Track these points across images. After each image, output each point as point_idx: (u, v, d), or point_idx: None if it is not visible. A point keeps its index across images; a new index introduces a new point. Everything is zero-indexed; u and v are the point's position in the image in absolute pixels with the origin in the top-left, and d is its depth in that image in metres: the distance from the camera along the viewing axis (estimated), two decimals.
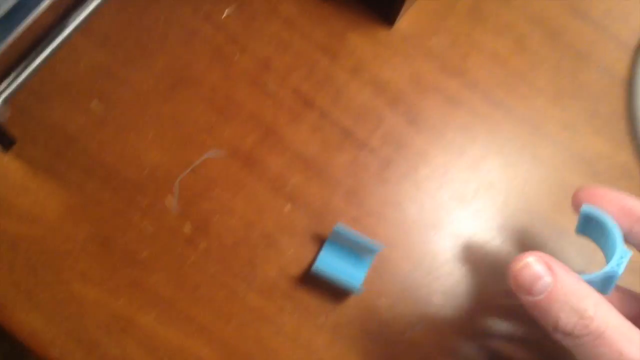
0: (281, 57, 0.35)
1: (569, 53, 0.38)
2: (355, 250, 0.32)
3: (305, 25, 0.36)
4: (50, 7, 0.32)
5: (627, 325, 0.22)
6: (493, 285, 0.33)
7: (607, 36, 0.38)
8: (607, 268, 0.24)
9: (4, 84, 0.31)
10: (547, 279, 0.22)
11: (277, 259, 0.32)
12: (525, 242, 0.34)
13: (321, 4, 0.36)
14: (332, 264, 0.31)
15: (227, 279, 0.31)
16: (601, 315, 0.21)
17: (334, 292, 0.32)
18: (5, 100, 0.31)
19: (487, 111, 0.36)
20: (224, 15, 0.35)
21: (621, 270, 0.24)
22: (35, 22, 0.31)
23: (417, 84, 0.36)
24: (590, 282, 0.23)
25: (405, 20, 0.37)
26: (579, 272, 0.24)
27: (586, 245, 0.30)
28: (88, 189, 0.32)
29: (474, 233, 0.34)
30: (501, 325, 0.32)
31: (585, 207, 0.27)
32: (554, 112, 0.36)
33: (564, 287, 0.22)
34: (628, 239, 0.26)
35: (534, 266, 0.22)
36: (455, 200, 0.34)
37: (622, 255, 0.24)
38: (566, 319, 0.21)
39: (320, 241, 0.33)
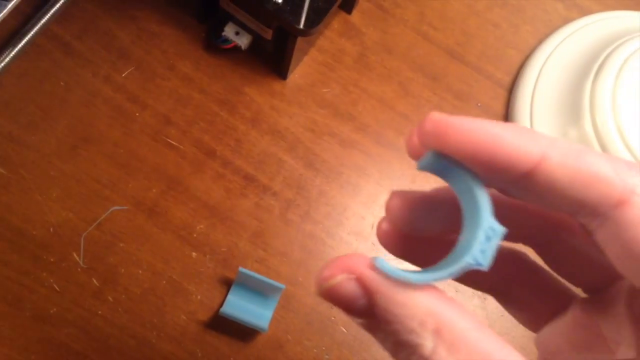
0: (181, 112, 0.40)
1: (449, 94, 0.45)
2: (261, 291, 0.36)
3: (203, 80, 0.42)
4: None
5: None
6: None
7: (483, 77, 0.46)
8: (466, 259, 0.16)
9: None
10: (362, 301, 0.17)
11: (186, 305, 0.36)
12: None
13: (217, 61, 0.42)
14: (239, 306, 0.36)
15: (137, 328, 0.35)
16: (445, 345, 0.16)
17: (243, 332, 0.36)
18: None
19: (378, 151, 0.42)
20: (123, 75, 0.40)
21: (488, 261, 0.16)
22: None
23: (313, 130, 0.42)
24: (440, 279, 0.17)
25: (298, 73, 0.43)
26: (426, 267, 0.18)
27: None
28: None
29: None
30: None
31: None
32: None
33: (388, 310, 0.16)
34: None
35: (345, 286, 0.17)
36: (353, 235, 0.40)
37: (489, 236, 0.16)
38: (396, 351, 0.16)
39: (228, 285, 0.37)
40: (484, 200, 0.16)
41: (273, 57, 0.42)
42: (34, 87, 0.39)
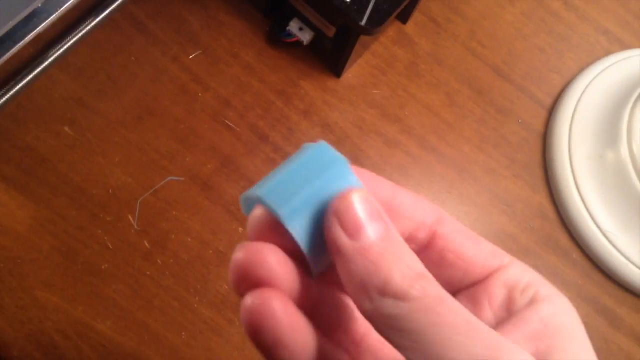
0: (240, 97, 0.42)
1: (492, 108, 0.46)
2: None
3: (263, 71, 0.44)
4: (32, 42, 0.38)
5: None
6: None
7: (526, 96, 0.48)
8: None
9: None
10: (380, 223, 0.17)
11: (229, 277, 0.38)
12: None
13: (278, 54, 0.44)
14: None
15: (181, 292, 0.37)
16: (435, 283, 0.17)
17: None
18: None
19: (421, 154, 0.44)
20: (190, 58, 0.43)
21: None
22: (18, 53, 0.38)
23: (360, 128, 0.44)
24: None
25: (351, 73, 0.45)
26: None
27: None
28: (56, 205, 0.37)
29: None
30: None
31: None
32: (479, 158, 0.45)
33: (397, 238, 0.17)
34: None
35: (365, 204, 0.18)
36: None
37: None
38: (402, 276, 0.17)
39: None
40: None
41: (331, 55, 0.44)
42: (106, 58, 0.41)
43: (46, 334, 0.34)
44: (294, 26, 0.42)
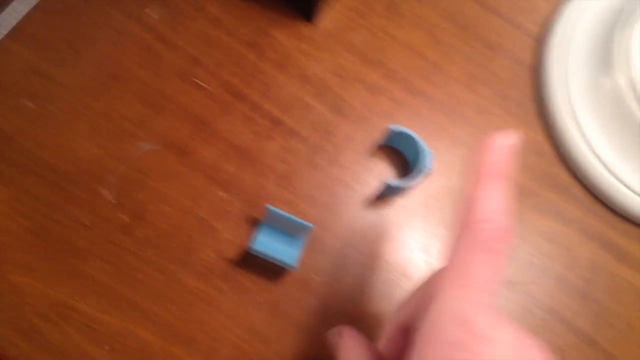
0: (209, 54, 0.40)
1: (479, 44, 0.44)
2: (289, 230, 0.36)
3: (231, 23, 0.41)
4: None
5: None
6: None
7: (514, 27, 0.45)
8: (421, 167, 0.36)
9: None
10: None
11: (214, 243, 0.36)
12: (445, 218, 0.39)
13: (244, 3, 0.41)
14: (267, 243, 0.35)
15: (165, 263, 0.35)
16: None
17: (270, 271, 0.36)
18: None
19: (407, 98, 0.41)
20: (153, 16, 0.40)
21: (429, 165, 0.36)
22: None
23: (341, 76, 0.41)
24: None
25: (327, 18, 0.42)
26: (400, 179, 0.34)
27: None
28: (25, 184, 0.35)
29: (399, 210, 0.39)
30: None
31: (393, 127, 0.37)
32: (468, 97, 0.42)
33: None
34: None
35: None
36: (380, 181, 0.39)
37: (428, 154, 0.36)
38: None
39: (255, 225, 0.37)
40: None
41: (303, 1, 0.41)
42: (62, 24, 0.38)
43: (26, 319, 0.33)
44: None
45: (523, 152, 0.41)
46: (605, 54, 0.41)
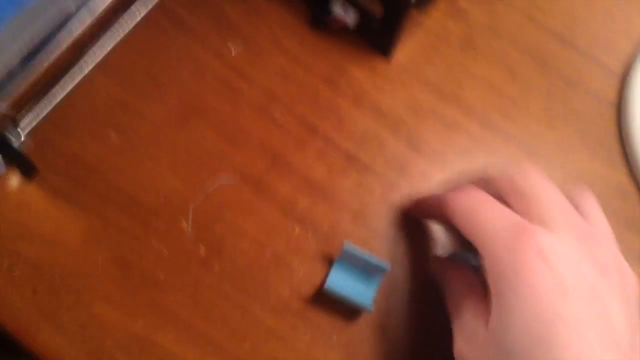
0: (286, 89, 0.40)
1: (558, 80, 0.43)
2: (364, 269, 0.35)
3: (308, 58, 0.41)
4: (70, 46, 0.37)
5: None
6: None
7: (594, 63, 0.43)
8: None
9: (28, 117, 0.36)
10: None
11: (289, 279, 0.36)
12: None
13: (321, 39, 0.41)
14: (342, 282, 0.35)
15: (242, 298, 0.35)
16: None
17: (345, 311, 0.35)
18: (29, 133, 0.36)
19: (484, 135, 0.41)
20: (233, 52, 0.40)
21: None
22: (57, 59, 0.36)
23: (416, 111, 0.41)
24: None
25: (401, 52, 0.42)
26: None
27: None
28: (107, 215, 0.36)
29: None
30: None
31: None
32: (548, 135, 0.41)
33: None
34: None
35: None
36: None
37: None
38: None
39: (330, 262, 0.36)
40: None
41: (379, 35, 0.41)
42: (146, 58, 0.39)
43: (107, 352, 0.33)
44: (335, 3, 0.39)
45: (607, 195, 0.39)
46: None
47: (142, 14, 0.39)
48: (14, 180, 0.36)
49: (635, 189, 0.40)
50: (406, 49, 0.42)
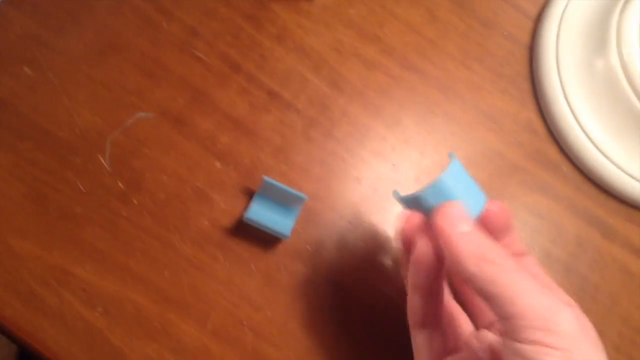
0: (208, 25, 0.40)
1: (475, 22, 0.44)
2: (283, 201, 0.36)
3: None
4: None
5: None
6: None
7: (510, 6, 0.45)
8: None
9: None
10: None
11: (209, 212, 0.36)
12: None
13: None
14: (262, 213, 0.36)
15: (161, 231, 0.35)
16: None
17: (264, 241, 0.36)
18: None
19: (402, 74, 0.42)
20: None
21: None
22: None
23: (338, 51, 0.41)
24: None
25: None
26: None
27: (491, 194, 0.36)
28: (22, 150, 0.35)
29: (392, 185, 0.39)
30: None
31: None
32: (463, 74, 0.42)
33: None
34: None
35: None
36: (374, 156, 0.40)
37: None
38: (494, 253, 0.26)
39: (250, 195, 0.37)
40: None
41: None
42: None
43: (24, 282, 0.33)
44: None
45: (516, 130, 0.41)
46: (599, 35, 0.42)
47: None
48: None
49: (542, 124, 0.42)
50: None
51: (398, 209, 0.38)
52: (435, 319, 0.29)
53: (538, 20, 0.45)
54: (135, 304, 0.34)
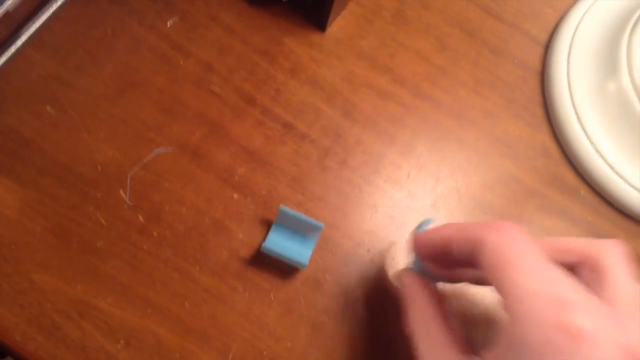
0: (223, 61, 0.41)
1: (485, 49, 0.45)
2: (300, 230, 0.37)
3: (244, 31, 0.42)
4: (3, 22, 0.37)
5: None
6: None
7: (519, 33, 0.46)
8: None
9: None
10: None
11: (228, 243, 0.37)
12: (450, 218, 0.40)
13: (258, 12, 0.43)
14: (280, 243, 0.36)
15: (181, 262, 0.36)
16: None
17: (282, 271, 0.37)
18: None
19: (415, 103, 0.42)
20: (168, 25, 0.41)
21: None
22: None
23: (350, 82, 0.42)
24: None
25: (336, 26, 0.44)
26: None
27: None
28: (44, 186, 0.36)
29: (408, 212, 0.39)
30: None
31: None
32: (475, 101, 0.43)
33: None
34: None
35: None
36: (390, 183, 0.40)
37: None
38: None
39: (268, 226, 0.38)
40: None
41: (313, 9, 0.42)
42: (82, 33, 0.40)
43: (47, 316, 0.34)
44: None
45: (531, 155, 0.42)
46: (610, 57, 0.42)
47: None
48: None
49: (557, 148, 0.42)
50: (341, 23, 0.44)
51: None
52: None
53: (548, 46, 0.45)
54: (156, 335, 0.34)
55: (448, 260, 0.30)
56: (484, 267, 0.26)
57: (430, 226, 0.32)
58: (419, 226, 0.34)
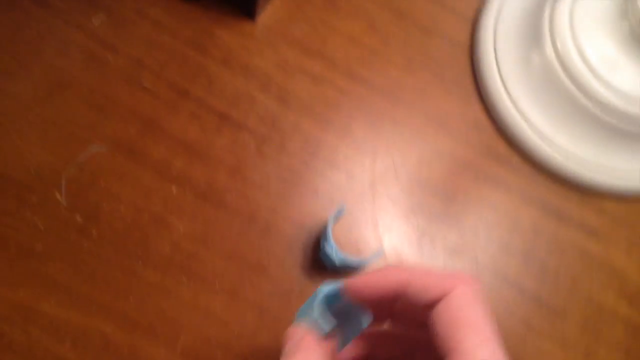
0: (153, 55, 0.41)
1: (415, 29, 0.46)
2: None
3: (174, 25, 0.43)
4: None
5: None
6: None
7: (447, 11, 0.47)
8: None
9: None
10: None
11: (169, 237, 0.38)
12: (393, 197, 0.41)
13: (187, 6, 0.43)
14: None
15: (123, 259, 0.37)
16: None
17: (226, 259, 0.38)
18: None
19: (349, 86, 0.44)
20: (95, 23, 0.41)
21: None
22: None
23: (284, 69, 0.43)
24: None
25: (267, 14, 0.44)
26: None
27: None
28: None
29: (347, 193, 0.41)
30: None
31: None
32: (408, 80, 0.45)
33: None
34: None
35: None
36: (328, 167, 0.41)
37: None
38: None
39: (210, 215, 0.38)
40: None
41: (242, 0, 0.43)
42: (8, 37, 0.40)
43: None
44: None
45: (464, 129, 0.43)
46: (534, 29, 0.44)
47: None
48: None
49: (488, 120, 0.44)
50: (271, 11, 0.45)
51: (355, 216, 0.40)
52: None
53: (475, 22, 0.47)
54: (103, 333, 0.35)
55: (383, 308, 0.27)
56: (440, 320, 0.23)
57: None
58: (335, 216, 0.35)
